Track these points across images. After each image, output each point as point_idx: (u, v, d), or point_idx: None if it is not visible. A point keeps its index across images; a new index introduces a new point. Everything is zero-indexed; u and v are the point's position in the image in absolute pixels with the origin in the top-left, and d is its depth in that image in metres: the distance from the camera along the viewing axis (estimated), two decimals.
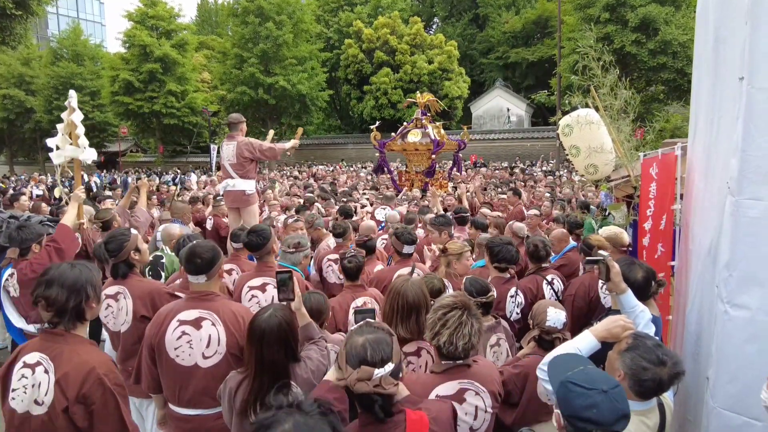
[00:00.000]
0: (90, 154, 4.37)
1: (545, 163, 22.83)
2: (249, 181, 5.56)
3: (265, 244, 3.32)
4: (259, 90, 29.01)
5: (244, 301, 3.24)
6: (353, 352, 1.63)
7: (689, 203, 3.25)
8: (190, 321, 2.47)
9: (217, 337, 2.46)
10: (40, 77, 33.30)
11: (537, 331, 2.59)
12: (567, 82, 19.35)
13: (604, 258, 2.39)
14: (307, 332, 2.42)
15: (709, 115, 2.83)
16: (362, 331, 1.71)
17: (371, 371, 1.57)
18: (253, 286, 3.33)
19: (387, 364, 1.61)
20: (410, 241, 3.88)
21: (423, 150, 10.58)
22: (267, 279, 3.32)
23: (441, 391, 2.06)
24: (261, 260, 3.40)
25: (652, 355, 1.67)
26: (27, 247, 3.60)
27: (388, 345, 1.66)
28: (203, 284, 2.57)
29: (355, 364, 1.61)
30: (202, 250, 2.58)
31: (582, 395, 1.48)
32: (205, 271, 2.54)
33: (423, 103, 11.35)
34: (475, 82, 36.53)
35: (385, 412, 1.61)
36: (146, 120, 31.63)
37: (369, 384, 1.56)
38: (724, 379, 2.19)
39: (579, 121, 4.72)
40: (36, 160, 36.04)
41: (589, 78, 4.98)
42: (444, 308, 2.08)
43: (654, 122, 5.11)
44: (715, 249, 2.39)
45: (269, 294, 3.27)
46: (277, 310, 2.17)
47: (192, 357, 2.45)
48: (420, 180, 10.57)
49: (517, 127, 32.12)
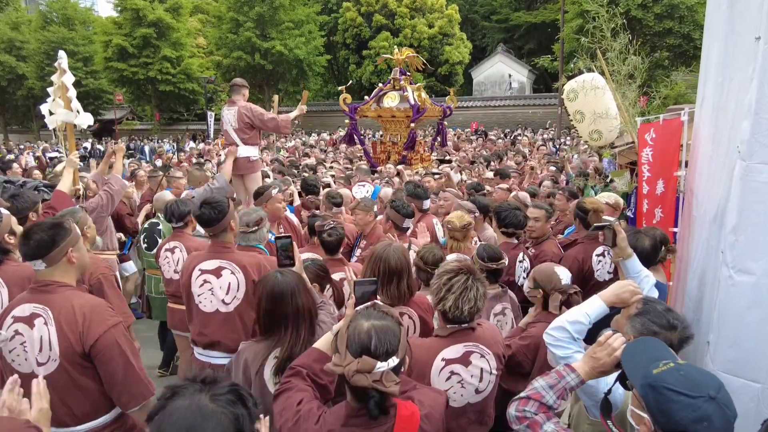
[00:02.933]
0: (85, 119, 4.29)
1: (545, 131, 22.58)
2: (253, 147, 5.46)
3: (221, 220, 2.83)
4: (256, 55, 28.44)
5: (194, 287, 2.84)
6: (356, 338, 1.47)
7: (694, 169, 3.22)
8: (23, 318, 2.05)
9: (48, 339, 2.01)
10: (31, 42, 32.49)
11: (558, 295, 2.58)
12: (570, 47, 18.94)
13: (610, 223, 2.37)
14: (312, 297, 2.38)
15: (719, 78, 2.76)
16: (369, 314, 1.56)
17: (373, 364, 1.42)
18: (206, 270, 2.84)
19: (391, 357, 1.46)
20: (410, 214, 3.74)
21: (401, 117, 8.82)
22: (223, 262, 2.84)
23: (447, 354, 2.08)
24: (216, 238, 2.91)
25: (662, 319, 1.66)
26: (24, 216, 3.57)
27: (396, 336, 1.50)
28: (44, 271, 2.12)
29: (356, 351, 1.46)
30: (39, 229, 2.12)
31: (688, 406, 1.20)
32: (40, 255, 2.09)
33: (401, 60, 9.41)
34: (476, 47, 35.78)
35: (380, 410, 1.47)
36: (141, 87, 31.03)
37: (368, 378, 1.41)
38: (724, 344, 2.20)
39: (584, 86, 4.62)
40: (30, 128, 35.56)
41: (597, 41, 4.85)
42: (449, 273, 2.08)
43: (661, 89, 5.01)
44: (721, 214, 2.36)
45: (225, 280, 2.80)
46: (282, 271, 2.14)
47: (28, 363, 2.04)
48: (397, 153, 8.95)
49: (518, 93, 31.65)
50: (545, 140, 17.53)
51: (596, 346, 1.57)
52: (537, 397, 1.54)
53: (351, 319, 1.56)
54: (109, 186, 4.29)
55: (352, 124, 9.34)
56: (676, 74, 18.47)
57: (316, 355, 1.79)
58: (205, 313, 2.85)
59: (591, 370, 1.55)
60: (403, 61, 9.44)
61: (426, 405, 1.62)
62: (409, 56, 9.59)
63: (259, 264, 2.87)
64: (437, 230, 4.26)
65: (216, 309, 2.83)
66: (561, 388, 1.54)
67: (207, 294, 2.83)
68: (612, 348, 1.53)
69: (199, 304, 2.85)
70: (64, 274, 2.16)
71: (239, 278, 2.81)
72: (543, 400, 1.53)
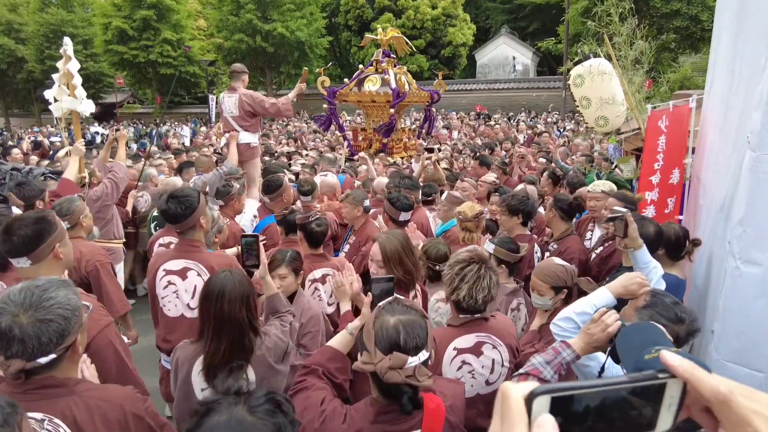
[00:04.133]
0: (87, 106, 4.28)
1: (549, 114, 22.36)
2: (253, 134, 5.45)
3: (189, 216, 2.55)
4: (257, 37, 28.13)
5: (158, 288, 2.63)
6: (384, 334, 1.45)
7: (701, 157, 3.20)
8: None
9: None
10: (29, 25, 32.17)
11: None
12: (575, 29, 18.66)
13: (623, 214, 2.37)
14: (272, 304, 2.18)
15: (729, 66, 2.73)
16: (393, 310, 1.52)
17: (404, 359, 1.40)
18: (170, 270, 2.60)
19: (421, 351, 1.44)
20: (406, 207, 3.46)
21: (381, 102, 7.99)
22: (189, 263, 2.59)
23: (459, 343, 2.08)
24: (183, 236, 2.66)
25: (670, 312, 1.67)
26: (31, 204, 3.59)
27: (423, 329, 1.48)
28: (28, 269, 2.00)
29: (385, 348, 1.43)
30: (22, 224, 1.98)
31: None
32: (25, 252, 1.97)
33: (386, 41, 8.51)
34: (480, 29, 35.25)
35: (413, 404, 1.45)
36: (142, 70, 30.80)
37: (401, 374, 1.39)
38: (730, 333, 2.22)
39: (591, 72, 4.56)
40: (31, 112, 35.43)
41: (605, 25, 4.78)
42: (461, 263, 2.08)
43: (669, 73, 4.94)
44: (729, 204, 2.36)
45: (191, 282, 2.58)
46: (234, 272, 1.96)
47: None
48: (379, 141, 8.21)
49: (522, 76, 31.30)
50: (548, 124, 17.20)
51: (591, 323, 1.61)
52: (535, 373, 1.58)
53: (375, 315, 1.53)
54: (113, 174, 4.29)
55: (331, 109, 8.57)
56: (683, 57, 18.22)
57: (331, 354, 1.76)
58: (170, 317, 2.62)
59: (586, 346, 1.59)
60: (387, 42, 8.57)
61: (449, 396, 1.62)
62: (394, 37, 8.73)
63: (229, 264, 2.62)
64: (431, 224, 4.07)
65: (181, 314, 2.60)
66: (557, 363, 1.59)
67: (172, 297, 2.60)
68: (605, 324, 1.57)
69: (164, 308, 2.61)
70: (50, 272, 2.00)
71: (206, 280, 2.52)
72: (541, 376, 1.57)
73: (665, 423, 0.52)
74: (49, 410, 1.41)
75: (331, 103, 8.45)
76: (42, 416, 1.40)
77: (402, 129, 8.57)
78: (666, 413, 0.52)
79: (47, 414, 1.41)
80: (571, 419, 0.49)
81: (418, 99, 8.60)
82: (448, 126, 15.86)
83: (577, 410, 0.49)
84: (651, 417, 0.51)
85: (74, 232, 3.13)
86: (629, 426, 0.51)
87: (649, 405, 0.51)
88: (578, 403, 0.49)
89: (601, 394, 0.49)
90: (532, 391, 0.48)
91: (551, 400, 0.48)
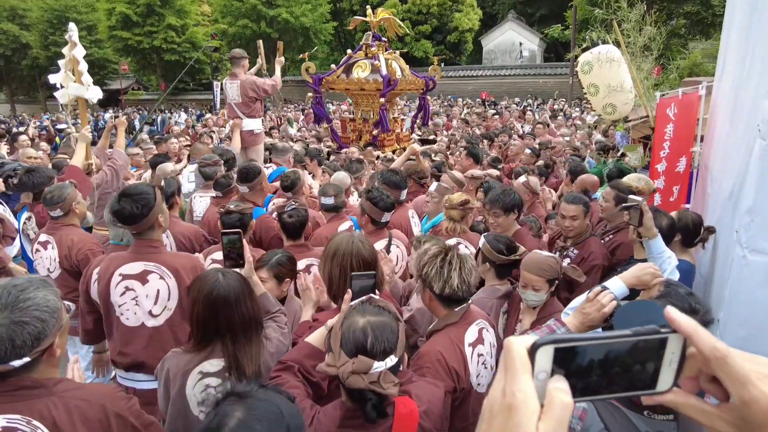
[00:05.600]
0: (95, 92, 4.26)
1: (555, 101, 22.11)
2: (256, 119, 5.50)
3: (146, 215, 2.33)
4: (261, 23, 27.97)
5: (114, 296, 2.33)
6: (351, 336, 1.36)
7: (710, 145, 3.18)
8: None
9: None
10: (33, 11, 32.04)
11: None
12: (582, 15, 18.39)
13: (638, 203, 2.36)
14: (261, 304, 1.99)
15: (740, 53, 2.70)
16: (364, 310, 1.43)
17: (369, 364, 1.31)
18: (128, 275, 2.34)
19: (389, 356, 1.34)
20: (390, 207, 3.06)
21: (371, 90, 7.32)
22: (149, 265, 2.35)
23: (469, 338, 1.98)
24: (140, 237, 2.41)
25: (684, 303, 1.66)
26: (40, 191, 3.61)
27: (394, 333, 1.38)
28: None
29: (351, 351, 1.34)
30: None
31: None
32: None
33: (376, 24, 7.69)
34: (486, 14, 34.84)
35: (378, 413, 1.35)
36: (146, 56, 30.74)
37: (365, 379, 1.30)
38: (735, 322, 2.23)
39: (600, 59, 4.52)
40: (36, 99, 35.45)
41: (613, 12, 4.72)
42: (439, 255, 1.97)
43: (679, 59, 4.88)
44: (737, 193, 2.35)
45: (152, 287, 2.33)
46: (224, 271, 1.83)
47: None
48: (368, 132, 7.55)
49: (529, 62, 30.97)
50: (555, 111, 16.87)
51: (586, 302, 1.61)
52: None
53: (345, 315, 1.43)
54: (113, 161, 4.27)
55: (317, 98, 7.83)
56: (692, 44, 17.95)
57: (308, 351, 1.65)
58: (128, 327, 2.35)
59: (580, 325, 1.59)
60: (378, 24, 7.74)
61: (424, 400, 1.53)
62: (385, 18, 7.87)
63: (195, 267, 2.43)
64: (413, 225, 3.71)
65: (141, 322, 2.35)
66: None
67: (130, 304, 2.33)
68: (601, 304, 1.57)
69: (121, 317, 2.35)
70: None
71: (170, 284, 2.34)
72: None
73: (665, 382, 0.52)
74: (26, 411, 1.35)
75: (316, 91, 7.69)
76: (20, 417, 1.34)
77: (394, 119, 7.84)
78: (667, 371, 0.52)
79: (25, 416, 1.34)
80: (574, 373, 0.49)
81: (412, 86, 7.82)
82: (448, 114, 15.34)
83: (580, 364, 0.49)
84: (652, 374, 0.52)
85: (67, 220, 3.16)
86: (631, 383, 0.51)
87: (651, 361, 0.51)
88: (582, 357, 0.49)
89: (605, 347, 0.50)
90: (535, 342, 0.48)
91: (554, 351, 0.48)
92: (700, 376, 0.55)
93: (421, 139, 8.30)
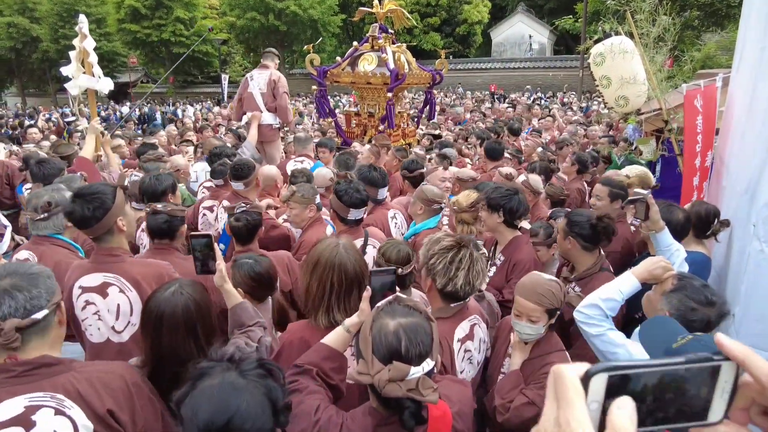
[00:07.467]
0: (106, 84, 4.28)
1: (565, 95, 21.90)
2: (274, 114, 5.45)
3: (101, 219, 2.09)
4: (270, 16, 27.94)
5: (77, 309, 2.16)
6: (383, 341, 1.27)
7: (726, 138, 3.12)
8: None
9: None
10: (43, 4, 32.22)
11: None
12: (593, 7, 18.15)
13: (644, 197, 2.33)
14: (235, 317, 1.82)
15: (759, 43, 2.65)
16: (393, 311, 1.34)
17: (406, 370, 1.22)
18: (88, 287, 2.15)
19: (425, 360, 1.26)
20: (358, 203, 2.75)
21: (377, 84, 7.04)
22: (108, 276, 2.15)
23: (459, 334, 1.97)
24: (99, 243, 2.18)
25: (700, 295, 1.64)
26: (50, 182, 3.64)
27: (428, 335, 1.29)
28: None
29: (384, 357, 1.25)
30: None
31: None
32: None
33: (382, 15, 7.38)
34: (495, 6, 34.54)
35: (417, 420, 1.26)
36: (155, 49, 30.89)
37: (402, 387, 1.21)
38: (751, 317, 2.20)
39: (612, 50, 4.43)
40: (46, 92, 35.70)
41: (625, 2, 4.63)
42: (451, 250, 1.90)
43: (694, 51, 4.79)
44: (754, 187, 2.31)
45: (113, 300, 2.14)
46: (184, 286, 1.65)
47: None
48: (374, 127, 7.26)
49: (538, 55, 30.70)
50: (565, 105, 16.70)
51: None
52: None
53: (373, 318, 1.34)
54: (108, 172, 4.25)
55: (321, 91, 7.48)
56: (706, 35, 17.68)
57: (326, 353, 1.56)
58: (94, 344, 2.19)
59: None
60: (385, 15, 7.44)
61: (455, 401, 1.47)
62: (392, 9, 7.49)
63: (159, 275, 2.19)
64: (392, 227, 3.40)
65: (107, 338, 2.17)
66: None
67: (92, 319, 2.16)
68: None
69: (86, 332, 2.18)
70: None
71: (131, 297, 2.15)
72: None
73: (717, 412, 0.50)
74: (49, 388, 1.36)
75: (321, 84, 7.37)
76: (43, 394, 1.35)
77: (399, 114, 7.54)
78: (719, 400, 0.50)
79: (48, 392, 1.35)
80: None
81: (419, 80, 7.58)
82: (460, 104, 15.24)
83: (634, 390, 0.48)
84: (704, 403, 0.50)
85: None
86: (682, 413, 0.50)
87: (703, 390, 0.50)
88: (635, 383, 0.48)
89: (658, 373, 0.48)
90: (588, 371, 0.47)
91: (608, 378, 0.47)
92: (751, 408, 0.52)
93: (430, 133, 8.08)
